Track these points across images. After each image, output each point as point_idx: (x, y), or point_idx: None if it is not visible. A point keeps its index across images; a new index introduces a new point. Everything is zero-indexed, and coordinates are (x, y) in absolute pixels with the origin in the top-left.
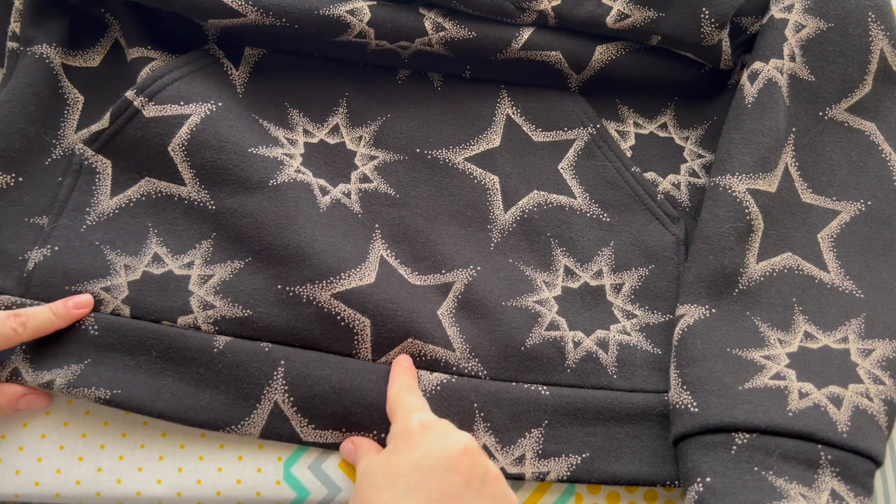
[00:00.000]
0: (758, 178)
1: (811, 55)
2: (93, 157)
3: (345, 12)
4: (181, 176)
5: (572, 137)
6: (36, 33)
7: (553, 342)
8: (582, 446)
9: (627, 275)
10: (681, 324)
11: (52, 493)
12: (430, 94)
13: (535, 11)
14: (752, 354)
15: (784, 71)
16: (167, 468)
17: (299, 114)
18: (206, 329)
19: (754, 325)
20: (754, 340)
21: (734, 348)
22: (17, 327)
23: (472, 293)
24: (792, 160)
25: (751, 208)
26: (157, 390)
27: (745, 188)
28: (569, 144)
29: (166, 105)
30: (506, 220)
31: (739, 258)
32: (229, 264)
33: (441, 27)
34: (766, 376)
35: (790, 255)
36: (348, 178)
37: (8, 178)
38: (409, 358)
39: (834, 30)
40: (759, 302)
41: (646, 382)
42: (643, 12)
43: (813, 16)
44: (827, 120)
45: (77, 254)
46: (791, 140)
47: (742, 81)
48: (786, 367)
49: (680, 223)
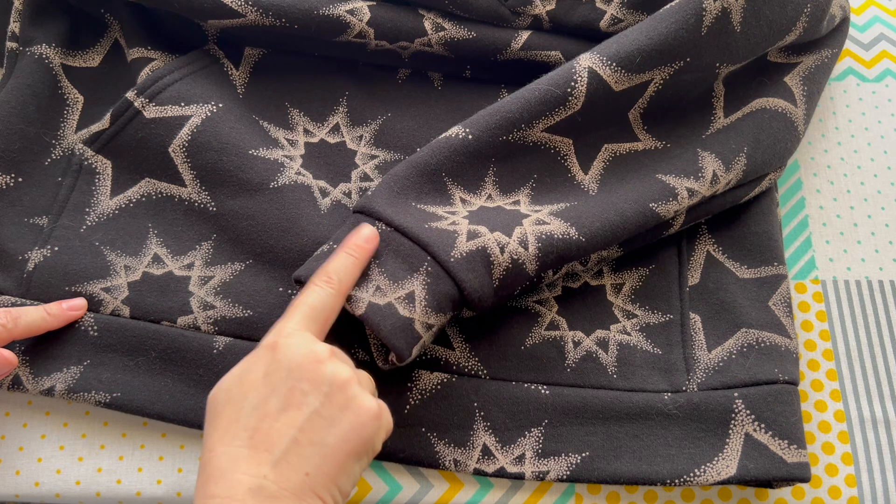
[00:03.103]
0: (608, 65)
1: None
2: (93, 157)
3: (344, 12)
4: (181, 177)
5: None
6: (35, 33)
7: (553, 342)
8: (582, 445)
9: (628, 274)
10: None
11: (52, 494)
12: (430, 93)
13: (529, 16)
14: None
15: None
16: (167, 468)
17: (299, 113)
18: (205, 329)
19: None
20: (442, 200)
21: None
22: (8, 323)
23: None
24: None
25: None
26: (156, 391)
27: (588, 66)
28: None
29: (167, 106)
30: None
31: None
32: (230, 266)
33: (441, 27)
34: (445, 221)
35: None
36: (349, 177)
37: (8, 179)
38: (361, 247)
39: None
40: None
41: (645, 382)
42: (636, 16)
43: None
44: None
45: (77, 254)
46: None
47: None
48: (463, 218)
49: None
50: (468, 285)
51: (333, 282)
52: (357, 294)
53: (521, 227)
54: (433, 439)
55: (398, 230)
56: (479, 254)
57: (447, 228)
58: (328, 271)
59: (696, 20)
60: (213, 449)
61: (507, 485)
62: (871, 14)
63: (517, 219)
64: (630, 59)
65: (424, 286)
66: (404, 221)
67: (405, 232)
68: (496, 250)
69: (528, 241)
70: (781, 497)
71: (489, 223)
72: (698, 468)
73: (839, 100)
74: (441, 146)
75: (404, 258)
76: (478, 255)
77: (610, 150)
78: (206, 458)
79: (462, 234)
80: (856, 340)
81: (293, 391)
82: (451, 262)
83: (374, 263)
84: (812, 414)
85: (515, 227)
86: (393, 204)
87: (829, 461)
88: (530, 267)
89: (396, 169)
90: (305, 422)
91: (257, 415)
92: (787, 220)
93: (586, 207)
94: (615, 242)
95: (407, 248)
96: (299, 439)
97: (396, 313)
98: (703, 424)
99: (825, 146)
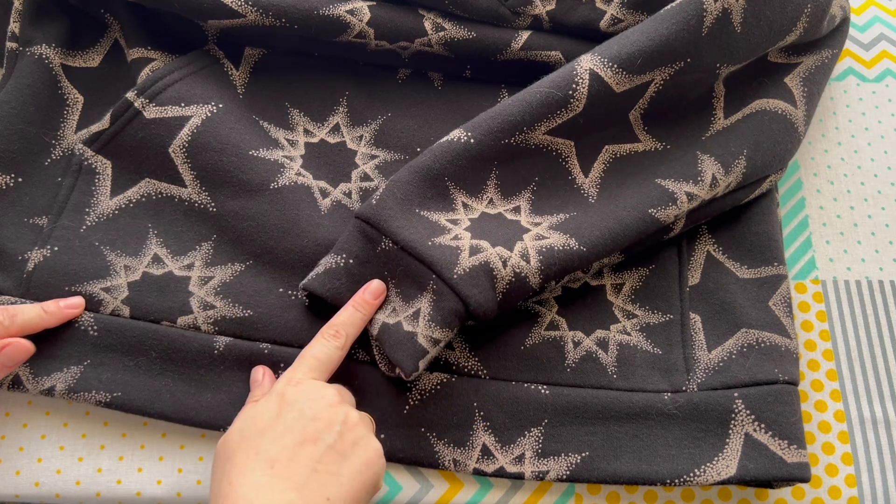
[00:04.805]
0: (608, 67)
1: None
2: (93, 157)
3: (344, 12)
4: (182, 177)
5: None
6: (35, 34)
7: (553, 342)
8: (581, 445)
9: (628, 275)
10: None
11: (52, 494)
12: (430, 93)
13: (529, 16)
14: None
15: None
16: (167, 468)
17: (300, 113)
18: (206, 329)
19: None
20: (445, 206)
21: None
22: (4, 320)
23: None
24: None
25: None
26: (156, 391)
27: (590, 67)
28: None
29: (167, 106)
30: None
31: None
32: (230, 266)
33: (441, 27)
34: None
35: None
36: (349, 176)
37: (7, 179)
38: (368, 303)
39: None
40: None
41: (645, 382)
42: (636, 16)
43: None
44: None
45: (77, 254)
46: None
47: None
48: (464, 230)
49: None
50: (472, 300)
51: (341, 336)
52: (377, 316)
53: (521, 241)
54: (433, 439)
55: (404, 249)
56: (482, 269)
57: (450, 244)
58: (337, 325)
59: (697, 21)
60: (234, 482)
61: (507, 485)
62: (871, 14)
63: (518, 233)
64: (631, 60)
65: (431, 303)
66: (409, 238)
67: (410, 251)
68: (499, 265)
69: (529, 255)
70: (781, 497)
71: (491, 237)
72: (698, 468)
73: (839, 100)
74: (443, 150)
75: (413, 278)
76: (481, 269)
77: (610, 152)
78: (227, 491)
79: (465, 250)
80: (856, 340)
81: (307, 428)
82: (454, 279)
83: (391, 283)
84: (812, 414)
85: (517, 242)
86: (397, 216)
87: (829, 461)
88: (533, 280)
89: (399, 174)
90: (323, 455)
91: (275, 448)
92: (788, 220)
93: (586, 217)
94: (616, 250)
95: (414, 267)
96: (318, 469)
97: (401, 329)
98: (703, 424)
99: (825, 146)
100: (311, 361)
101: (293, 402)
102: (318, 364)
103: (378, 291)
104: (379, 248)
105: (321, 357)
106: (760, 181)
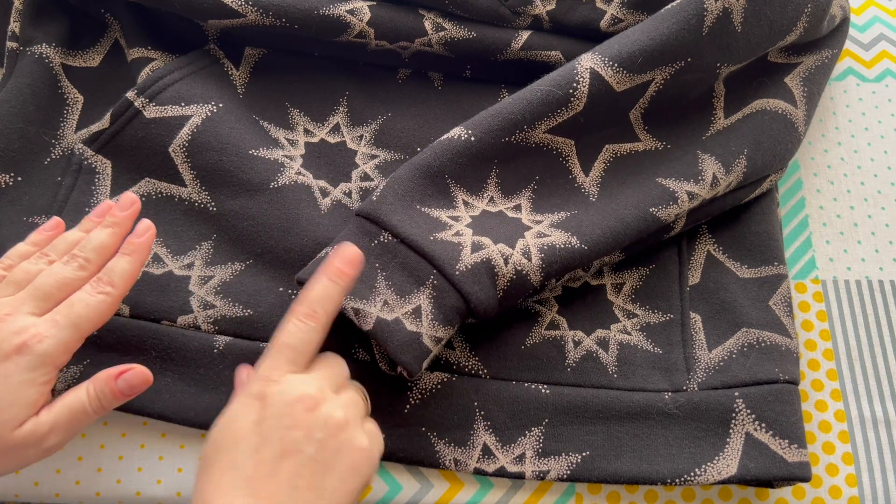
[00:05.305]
0: (609, 66)
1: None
2: (93, 157)
3: (345, 12)
4: (182, 177)
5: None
6: (36, 33)
7: (553, 341)
8: (582, 445)
9: (628, 274)
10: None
11: (52, 493)
12: (430, 93)
13: (529, 16)
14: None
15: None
16: (167, 468)
17: (300, 113)
18: (206, 329)
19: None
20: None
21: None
22: (104, 277)
23: None
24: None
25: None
26: (156, 391)
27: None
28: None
29: (167, 106)
30: None
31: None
32: (230, 266)
33: (441, 27)
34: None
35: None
36: (349, 177)
37: (7, 178)
38: (342, 272)
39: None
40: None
41: (646, 382)
42: (637, 16)
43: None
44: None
45: None
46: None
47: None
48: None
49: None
50: (474, 298)
51: (317, 315)
52: (365, 308)
53: (523, 239)
54: (433, 439)
55: (404, 242)
56: (483, 266)
57: (452, 240)
58: (312, 302)
59: (698, 20)
60: (211, 502)
61: (508, 484)
62: (871, 14)
63: (519, 231)
64: (631, 59)
65: (431, 300)
66: (410, 232)
67: (411, 244)
68: (500, 262)
69: (531, 253)
70: (782, 497)
71: (492, 235)
72: (699, 468)
73: (839, 100)
74: (443, 148)
75: (410, 271)
76: (482, 266)
77: (611, 151)
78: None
79: (466, 247)
80: (856, 340)
81: (285, 440)
82: (456, 275)
83: (381, 276)
84: (812, 414)
85: (518, 240)
86: (398, 211)
87: (829, 461)
88: (534, 278)
89: (399, 172)
90: (303, 468)
91: (252, 463)
92: (788, 219)
93: (587, 215)
94: (617, 249)
95: (413, 260)
96: (299, 485)
97: (404, 329)
98: (704, 424)
99: (825, 146)
100: (287, 353)
101: (270, 407)
102: (294, 355)
103: (356, 260)
104: (375, 242)
105: (296, 345)
106: (761, 181)
